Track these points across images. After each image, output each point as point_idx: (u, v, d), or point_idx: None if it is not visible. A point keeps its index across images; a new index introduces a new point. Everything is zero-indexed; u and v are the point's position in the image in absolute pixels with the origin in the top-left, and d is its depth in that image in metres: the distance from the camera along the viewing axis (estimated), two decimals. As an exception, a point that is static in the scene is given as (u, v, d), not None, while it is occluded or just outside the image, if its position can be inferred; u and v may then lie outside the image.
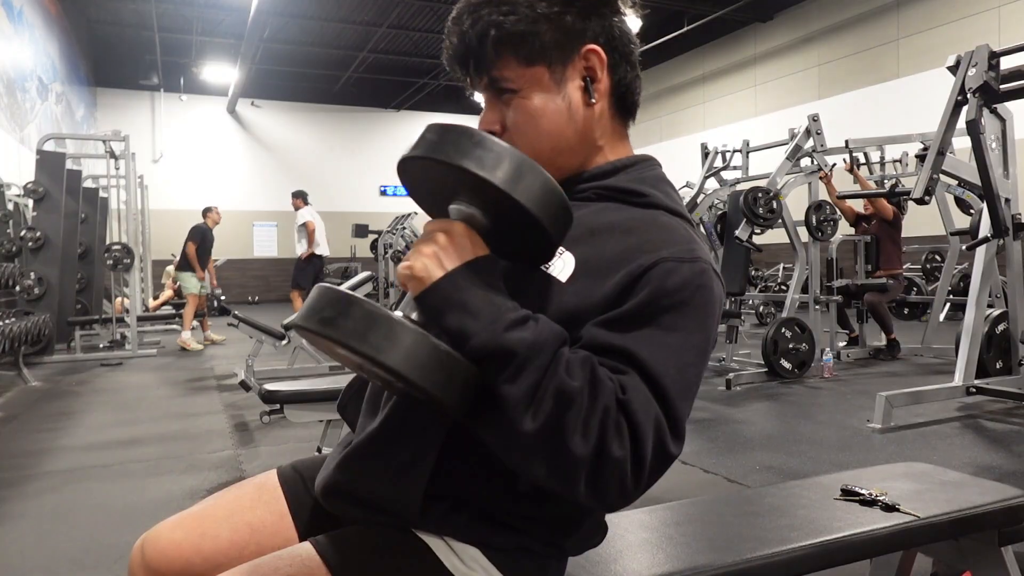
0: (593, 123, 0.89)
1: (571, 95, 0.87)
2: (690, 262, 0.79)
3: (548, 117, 0.86)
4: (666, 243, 0.81)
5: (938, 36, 10.15)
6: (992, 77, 3.90)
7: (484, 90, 0.89)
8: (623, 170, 0.90)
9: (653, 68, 15.40)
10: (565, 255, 0.83)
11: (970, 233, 4.78)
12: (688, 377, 0.78)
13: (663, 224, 0.84)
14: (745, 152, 7.03)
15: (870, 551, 1.32)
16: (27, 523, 2.58)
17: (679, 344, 0.77)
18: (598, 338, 0.77)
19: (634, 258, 0.79)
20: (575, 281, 0.81)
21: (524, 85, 0.86)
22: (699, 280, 0.79)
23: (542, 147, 0.87)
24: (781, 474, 3.00)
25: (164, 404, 4.76)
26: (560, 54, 0.85)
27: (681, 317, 0.78)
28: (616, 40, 0.88)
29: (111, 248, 7.59)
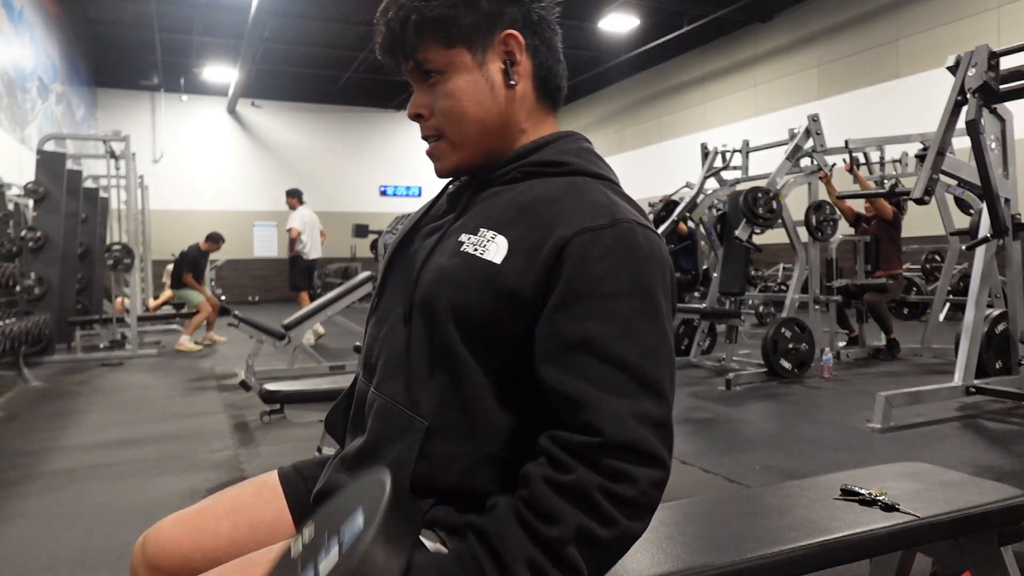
0: (516, 105, 0.92)
1: (492, 77, 0.90)
2: (609, 227, 0.80)
3: (471, 97, 0.89)
4: (583, 211, 0.82)
5: (938, 36, 10.15)
6: (992, 77, 3.90)
7: (412, 75, 0.93)
8: (545, 146, 0.93)
9: (653, 68, 15.40)
10: (498, 238, 0.85)
11: (970, 233, 4.78)
12: (646, 338, 0.79)
13: (582, 191, 0.86)
14: (745, 152, 7.03)
15: (870, 551, 1.32)
16: (27, 523, 2.58)
17: (624, 310, 0.78)
18: (553, 336, 0.79)
19: (555, 230, 0.81)
20: (509, 262, 0.83)
21: (446, 67, 0.89)
22: (623, 241, 0.80)
23: (468, 130, 0.91)
24: (781, 474, 3.00)
25: (164, 404, 4.76)
26: (480, 37, 0.89)
27: (615, 281, 0.79)
28: (535, 25, 0.92)
29: (111, 248, 7.59)
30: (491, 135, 0.92)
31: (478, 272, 0.84)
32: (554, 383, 0.79)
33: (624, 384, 0.77)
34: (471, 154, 0.93)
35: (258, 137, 17.24)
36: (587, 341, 0.77)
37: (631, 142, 16.33)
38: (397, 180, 18.25)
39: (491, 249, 0.84)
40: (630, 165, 16.09)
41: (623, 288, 0.79)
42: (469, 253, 0.86)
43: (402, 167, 18.19)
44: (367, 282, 5.31)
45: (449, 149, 0.93)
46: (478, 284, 0.83)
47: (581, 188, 0.86)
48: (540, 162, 0.91)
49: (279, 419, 4.05)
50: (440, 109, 0.91)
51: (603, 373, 0.77)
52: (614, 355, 0.77)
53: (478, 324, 0.84)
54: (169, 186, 15.75)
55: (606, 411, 0.76)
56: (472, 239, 0.87)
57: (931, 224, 7.01)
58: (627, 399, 0.77)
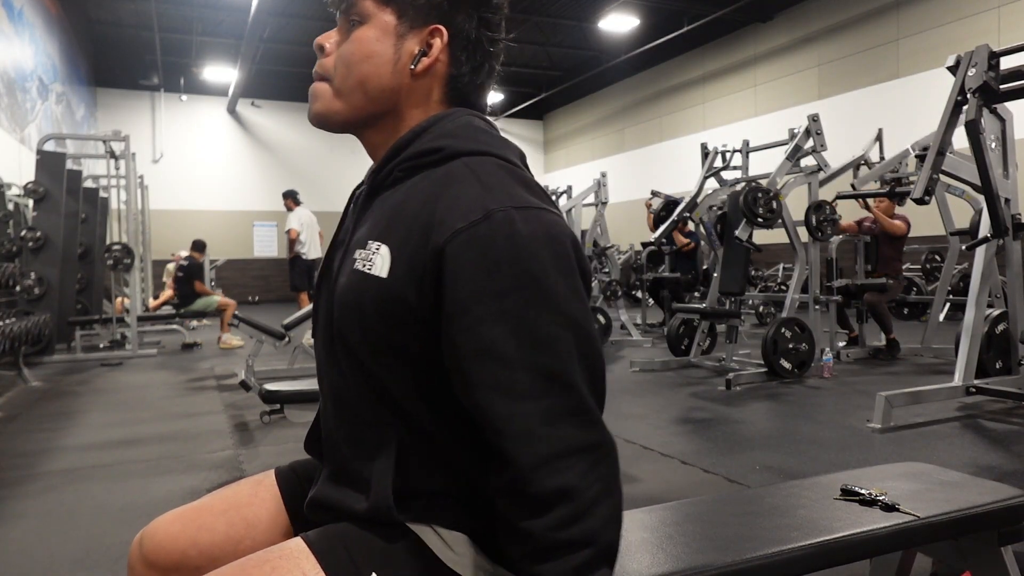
0: (408, 90, 0.90)
1: (402, 50, 0.89)
2: (483, 221, 0.75)
3: (372, 53, 0.89)
4: (454, 210, 0.77)
5: (938, 36, 10.15)
6: (992, 77, 3.90)
7: (340, 15, 0.93)
8: (423, 133, 0.88)
9: (653, 68, 15.41)
10: (382, 249, 0.82)
11: (970, 233, 4.78)
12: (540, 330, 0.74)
13: (454, 182, 0.80)
14: (745, 152, 7.03)
15: (870, 551, 1.32)
16: (27, 523, 2.58)
17: (513, 305, 0.74)
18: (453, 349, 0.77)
19: (430, 240, 0.77)
20: (394, 274, 0.80)
21: (369, 19, 0.89)
22: (499, 233, 0.75)
23: (352, 80, 0.89)
24: (781, 474, 3.00)
25: (164, 404, 4.76)
26: (414, 14, 0.89)
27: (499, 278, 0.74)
28: (467, 41, 0.90)
29: (111, 248, 7.58)
30: (370, 100, 0.90)
31: (371, 292, 0.81)
32: (469, 403, 0.77)
33: (528, 385, 0.74)
34: (345, 107, 0.91)
35: (258, 137, 17.24)
36: (483, 348, 0.74)
37: (631, 142, 16.33)
38: (397, 180, 18.24)
39: (377, 263, 0.82)
40: (630, 165, 16.10)
41: (508, 284, 0.74)
42: (360, 271, 0.83)
43: (402, 167, 18.18)
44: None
45: (330, 94, 0.91)
46: (373, 304, 0.81)
47: (454, 179, 0.81)
48: (417, 153, 0.87)
49: (279, 419, 4.05)
50: (341, 52, 0.91)
51: (505, 378, 0.74)
52: (512, 356, 0.74)
53: (386, 345, 0.82)
54: (169, 186, 15.75)
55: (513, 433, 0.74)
56: (362, 253, 0.84)
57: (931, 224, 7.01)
58: (533, 400, 0.74)
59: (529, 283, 0.74)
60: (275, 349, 5.05)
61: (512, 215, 0.76)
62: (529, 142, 20.50)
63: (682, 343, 6.21)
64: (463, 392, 0.78)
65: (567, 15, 13.33)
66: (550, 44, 14.70)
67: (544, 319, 0.75)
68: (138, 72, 15.51)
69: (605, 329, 7.31)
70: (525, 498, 0.74)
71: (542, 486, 0.73)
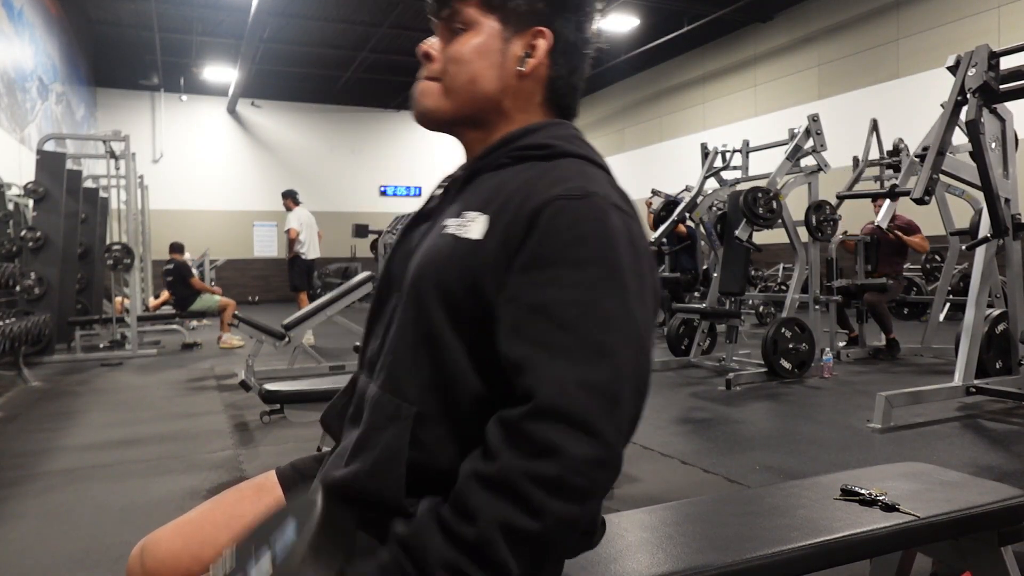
0: (514, 91, 0.94)
1: (508, 53, 0.93)
2: (582, 198, 0.80)
3: (482, 55, 0.92)
4: (559, 183, 0.82)
5: (938, 36, 10.15)
6: (992, 77, 3.90)
7: (441, 22, 0.96)
8: (534, 132, 0.94)
9: (653, 68, 15.40)
10: (479, 217, 0.85)
11: (970, 233, 4.78)
12: (605, 308, 0.77)
13: (563, 167, 0.87)
14: (745, 152, 7.03)
15: (870, 551, 1.32)
16: (27, 523, 2.58)
17: (586, 279, 0.77)
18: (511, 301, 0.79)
19: (529, 201, 0.82)
20: (489, 237, 0.83)
21: (475, 26, 0.93)
22: (593, 213, 0.80)
23: (462, 80, 0.93)
24: (781, 474, 3.00)
25: (164, 404, 4.76)
26: (517, 20, 0.92)
27: (581, 250, 0.78)
28: (567, 44, 0.95)
29: (111, 248, 7.58)
30: (479, 98, 0.94)
31: (460, 251, 0.84)
32: (507, 351, 0.78)
33: (575, 350, 0.75)
34: (452, 106, 0.95)
35: (258, 137, 17.24)
36: (544, 305, 0.76)
37: (631, 142, 16.33)
38: (397, 180, 18.26)
39: (472, 228, 0.85)
40: (630, 165, 16.08)
41: (588, 256, 0.78)
42: (451, 234, 0.87)
43: (402, 167, 18.20)
44: (367, 282, 5.31)
45: (438, 92, 0.95)
46: (459, 262, 0.84)
47: (561, 167, 0.87)
48: (527, 145, 0.92)
49: (279, 419, 4.05)
50: (449, 54, 0.94)
51: (554, 338, 0.75)
52: (569, 320, 0.76)
53: (461, 303, 0.83)
54: (169, 186, 15.75)
55: (545, 375, 0.74)
56: (455, 221, 0.88)
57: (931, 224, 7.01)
58: (574, 365, 0.74)
59: (606, 266, 0.78)
60: (275, 349, 5.05)
61: (608, 206, 0.81)
62: (529, 142, 20.46)
63: (682, 343, 6.21)
64: (507, 341, 0.78)
65: (567, 15, 13.30)
66: (550, 44, 14.68)
67: (609, 303, 0.77)
68: (138, 72, 15.51)
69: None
70: (518, 431, 0.73)
71: (536, 430, 0.72)
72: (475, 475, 0.75)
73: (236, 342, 7.74)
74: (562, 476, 0.72)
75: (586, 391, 0.73)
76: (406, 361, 0.87)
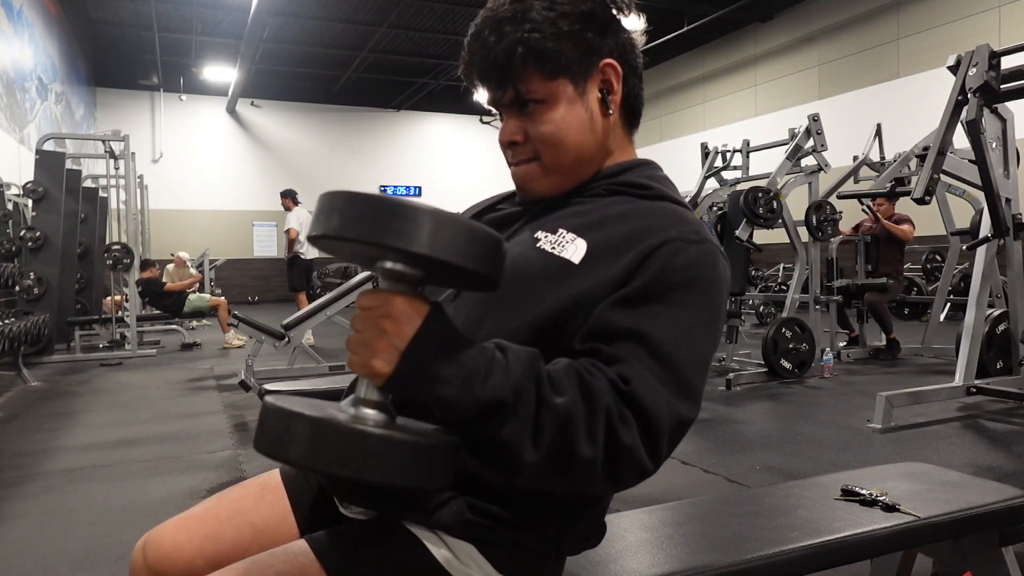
0: (609, 132, 0.94)
1: (591, 107, 0.92)
2: (698, 243, 0.84)
3: (572, 126, 0.91)
4: (673, 225, 0.85)
5: (938, 36, 10.15)
6: (992, 77, 3.90)
7: (506, 103, 0.92)
8: (630, 170, 0.95)
9: (653, 68, 15.39)
10: (577, 240, 0.86)
11: (970, 233, 4.78)
12: (699, 350, 0.81)
13: (670, 211, 0.89)
14: (745, 152, 7.03)
15: (870, 551, 1.32)
16: (27, 523, 2.58)
17: (689, 319, 0.80)
18: (609, 320, 0.80)
19: (644, 238, 0.83)
20: (588, 263, 0.84)
21: (547, 97, 0.90)
22: (707, 260, 0.83)
23: (567, 157, 0.92)
24: (781, 474, 3.00)
25: (164, 404, 4.76)
26: (580, 68, 0.90)
27: (689, 294, 0.81)
28: (628, 54, 0.94)
29: (111, 248, 7.58)
30: (585, 163, 0.94)
31: (554, 269, 0.85)
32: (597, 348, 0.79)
33: (668, 381, 0.77)
34: (564, 180, 0.94)
35: (258, 137, 17.24)
36: (644, 334, 0.78)
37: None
38: (397, 180, 18.25)
39: (569, 249, 0.86)
40: (630, 165, 16.08)
41: (696, 302, 0.81)
42: (545, 250, 0.87)
43: (402, 167, 18.19)
44: (367, 282, 5.30)
45: (541, 173, 0.93)
46: (551, 280, 0.85)
47: (668, 209, 0.89)
48: (626, 183, 0.93)
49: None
50: (538, 135, 0.91)
51: (651, 365, 0.77)
52: (666, 355, 0.78)
53: (543, 319, 0.84)
54: (169, 186, 15.74)
55: (644, 376, 0.76)
56: (549, 237, 0.88)
57: (931, 224, 7.01)
58: (667, 391, 0.77)
59: (709, 310, 0.82)
60: (275, 349, 5.05)
61: (719, 255, 0.86)
62: (529, 142, 20.48)
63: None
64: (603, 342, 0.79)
65: (567, 15, 13.31)
66: (550, 44, 14.69)
67: (705, 344, 0.82)
68: (138, 72, 15.51)
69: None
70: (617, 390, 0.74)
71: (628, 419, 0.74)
72: (574, 367, 0.76)
73: (236, 342, 7.74)
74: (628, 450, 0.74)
75: (671, 416, 0.77)
76: None
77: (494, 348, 0.74)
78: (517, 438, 0.71)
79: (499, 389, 0.71)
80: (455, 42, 14.64)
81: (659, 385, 0.76)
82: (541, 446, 0.72)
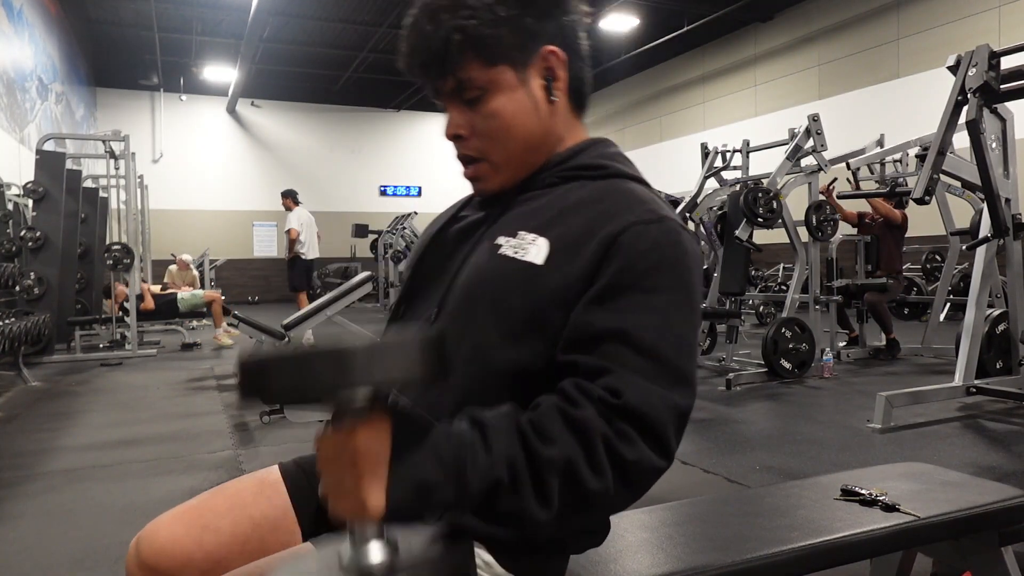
0: (555, 118, 0.92)
1: (535, 93, 0.90)
2: (657, 222, 0.82)
3: (516, 117, 0.89)
4: (630, 207, 0.84)
5: (938, 36, 10.15)
6: (992, 77, 3.90)
7: (447, 94, 0.91)
8: (581, 152, 0.94)
9: (653, 68, 15.40)
10: (539, 240, 0.85)
11: (970, 233, 4.78)
12: (682, 332, 0.80)
13: (625, 190, 0.88)
14: (745, 152, 7.03)
15: (870, 551, 1.32)
16: (27, 523, 2.58)
17: (664, 304, 0.80)
18: (587, 323, 0.79)
19: (602, 227, 0.82)
20: (551, 262, 0.83)
21: (488, 86, 0.88)
22: (670, 238, 0.82)
23: (514, 148, 0.90)
24: (781, 474, 3.00)
25: (164, 404, 4.76)
26: (521, 55, 0.88)
27: (659, 277, 0.80)
28: (571, 38, 0.92)
29: (111, 248, 7.57)
30: (533, 151, 0.92)
31: (519, 274, 0.84)
32: (580, 362, 0.78)
33: (658, 374, 0.77)
34: (515, 173, 0.93)
35: (258, 137, 17.24)
36: (625, 332, 0.77)
37: (631, 142, 16.33)
38: (397, 180, 18.25)
39: (531, 251, 0.84)
40: (630, 165, 16.07)
41: (666, 283, 0.80)
42: (508, 256, 0.85)
43: (402, 167, 18.19)
44: (367, 282, 5.30)
45: (492, 171, 0.92)
46: (519, 287, 0.83)
47: (624, 188, 0.88)
48: (579, 166, 0.91)
49: (279, 419, 4.04)
50: (483, 129, 0.90)
51: (638, 362, 0.77)
52: (650, 346, 0.77)
53: (518, 326, 0.83)
54: (169, 186, 15.74)
55: (632, 382, 0.76)
56: (511, 241, 0.86)
57: (931, 224, 7.01)
58: (658, 386, 0.76)
59: (683, 289, 0.81)
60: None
61: (679, 229, 0.84)
62: (529, 142, 20.48)
63: (682, 343, 6.19)
64: (582, 359, 0.78)
65: (567, 15, 13.31)
66: (550, 44, 14.69)
67: (686, 325, 0.81)
68: (138, 72, 15.51)
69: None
70: (607, 409, 0.74)
71: (627, 430, 0.74)
72: (559, 409, 0.76)
73: (227, 340, 7.73)
74: (634, 465, 0.74)
75: (669, 409, 0.76)
76: None
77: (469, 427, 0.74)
78: (524, 504, 0.72)
79: (491, 470, 0.72)
80: (455, 42, 14.63)
81: (649, 383, 0.76)
82: (550, 502, 0.73)
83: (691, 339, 0.81)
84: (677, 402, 0.77)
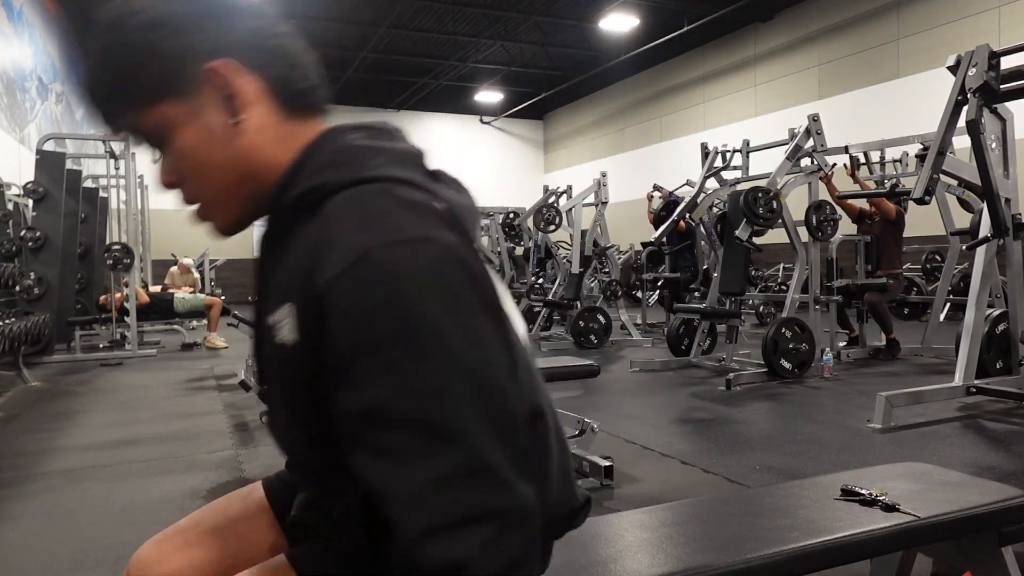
0: (254, 137, 0.76)
1: (210, 120, 0.75)
2: (358, 263, 0.64)
3: (198, 152, 0.76)
4: (331, 254, 0.66)
5: (938, 36, 10.15)
6: (992, 77, 3.90)
7: (141, 144, 0.80)
8: (298, 171, 0.75)
9: (653, 68, 15.41)
10: (286, 308, 0.72)
11: (970, 233, 4.78)
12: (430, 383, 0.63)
13: (332, 221, 0.69)
14: (745, 152, 7.03)
15: (870, 551, 1.32)
16: (27, 523, 2.58)
17: (398, 357, 0.63)
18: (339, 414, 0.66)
19: (311, 288, 0.67)
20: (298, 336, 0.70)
21: (163, 127, 0.76)
22: (378, 274, 0.64)
23: (212, 186, 0.78)
24: (781, 474, 3.00)
25: (164, 404, 4.76)
26: (182, 80, 0.74)
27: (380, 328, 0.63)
28: (244, 42, 0.76)
29: (111, 248, 7.57)
30: (239, 184, 0.78)
31: (282, 362, 0.73)
32: (355, 472, 0.66)
33: (413, 446, 0.62)
34: (233, 210, 0.80)
35: (258, 137, 17.23)
36: (369, 410, 0.63)
37: (631, 142, 16.33)
38: (397, 180, 18.24)
39: (285, 329, 0.71)
40: (630, 165, 16.09)
41: (389, 332, 0.63)
42: (275, 340, 0.73)
43: (402, 167, 18.18)
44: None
45: (210, 212, 0.81)
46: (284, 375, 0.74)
47: (334, 217, 0.69)
48: (296, 198, 0.74)
49: (279, 419, 4.04)
50: (182, 172, 0.78)
51: (391, 442, 0.63)
52: (396, 415, 0.63)
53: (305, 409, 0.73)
54: (169, 186, 15.72)
55: (397, 497, 0.62)
56: (273, 318, 0.74)
57: (931, 224, 7.01)
58: (419, 463, 0.62)
59: (413, 329, 0.63)
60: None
61: (392, 252, 0.65)
62: (529, 142, 20.49)
63: (682, 343, 6.20)
64: (349, 460, 0.66)
65: (567, 15, 13.33)
66: (550, 44, 14.70)
67: (431, 369, 0.63)
68: (138, 72, 15.50)
69: (605, 329, 7.31)
70: (411, 573, 0.62)
71: (429, 559, 0.61)
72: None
73: (220, 343, 7.72)
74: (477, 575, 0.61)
75: (450, 485, 0.62)
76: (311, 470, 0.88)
77: None
78: None
79: None
80: (455, 42, 14.64)
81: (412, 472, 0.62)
82: None
83: (444, 383, 0.63)
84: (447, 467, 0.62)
